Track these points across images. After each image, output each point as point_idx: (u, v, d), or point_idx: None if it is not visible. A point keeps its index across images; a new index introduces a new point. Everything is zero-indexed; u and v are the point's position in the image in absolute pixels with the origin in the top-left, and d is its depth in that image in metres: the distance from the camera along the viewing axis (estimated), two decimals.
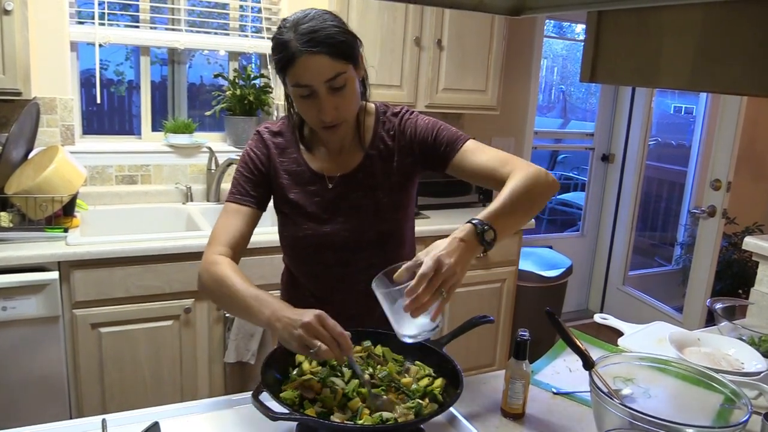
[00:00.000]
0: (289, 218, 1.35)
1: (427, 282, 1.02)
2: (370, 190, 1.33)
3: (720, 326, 1.68)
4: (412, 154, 1.35)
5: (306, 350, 1.03)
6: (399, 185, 1.36)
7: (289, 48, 1.16)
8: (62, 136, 2.57)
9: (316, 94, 1.19)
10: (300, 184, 1.34)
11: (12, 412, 2.04)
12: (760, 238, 2.05)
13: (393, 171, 1.34)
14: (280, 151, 1.36)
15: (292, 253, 1.39)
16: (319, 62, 1.16)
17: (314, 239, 1.33)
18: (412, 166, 1.36)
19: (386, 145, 1.35)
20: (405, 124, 1.35)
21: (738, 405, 1.07)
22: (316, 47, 1.15)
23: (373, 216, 1.33)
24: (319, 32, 1.16)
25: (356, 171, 1.34)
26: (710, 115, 4.12)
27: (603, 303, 4.50)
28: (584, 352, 1.16)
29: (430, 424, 1.10)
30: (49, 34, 2.47)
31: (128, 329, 2.22)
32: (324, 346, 1.02)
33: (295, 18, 1.19)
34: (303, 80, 1.18)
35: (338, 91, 1.20)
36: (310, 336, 1.03)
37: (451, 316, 2.87)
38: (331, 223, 1.32)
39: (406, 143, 1.34)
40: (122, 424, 1.11)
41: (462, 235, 1.09)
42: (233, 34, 2.95)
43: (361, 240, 1.33)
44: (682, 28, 0.80)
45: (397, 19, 2.77)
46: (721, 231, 3.43)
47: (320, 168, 1.35)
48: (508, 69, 3.31)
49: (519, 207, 1.18)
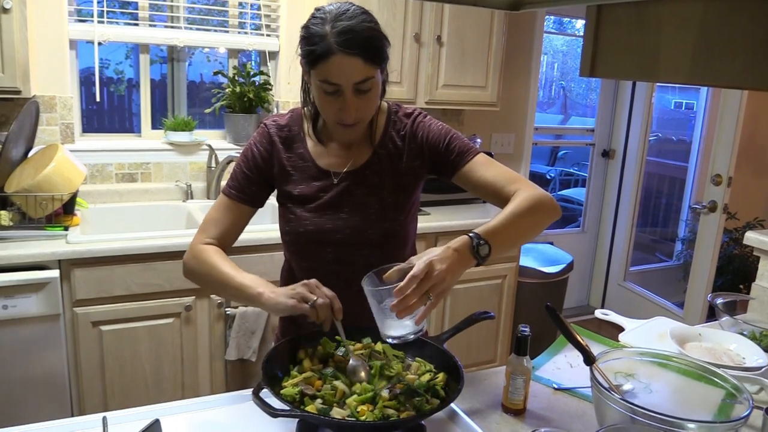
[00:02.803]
0: (293, 213, 1.34)
1: (416, 284, 1.03)
2: (375, 189, 1.33)
3: (721, 321, 1.68)
4: (421, 157, 1.34)
5: (303, 305, 1.12)
6: (404, 186, 1.35)
7: (325, 42, 1.14)
8: (62, 134, 2.57)
9: (341, 93, 1.18)
10: (305, 180, 1.34)
11: (13, 410, 2.05)
12: (761, 233, 2.05)
13: (400, 172, 1.34)
14: (287, 146, 1.35)
15: (292, 248, 1.39)
16: (353, 64, 1.15)
17: (316, 235, 1.32)
18: (420, 169, 1.35)
19: (395, 146, 1.34)
20: (417, 126, 1.35)
21: (739, 400, 1.07)
22: (354, 49, 1.14)
23: (376, 215, 1.32)
24: (359, 34, 1.14)
25: (363, 168, 1.33)
26: (711, 111, 4.12)
27: (604, 299, 4.50)
28: (585, 347, 1.16)
29: (431, 420, 1.10)
30: (49, 32, 2.47)
31: (129, 327, 2.22)
32: (320, 300, 1.12)
33: (334, 11, 1.16)
34: (332, 78, 1.17)
35: (363, 93, 1.20)
36: (308, 291, 1.13)
37: (451, 312, 2.87)
38: (333, 219, 1.32)
39: (416, 146, 1.34)
40: (123, 421, 1.11)
41: (456, 246, 1.11)
42: (233, 32, 2.94)
43: (362, 238, 1.32)
44: (682, 22, 0.80)
45: (397, 15, 2.76)
46: (721, 226, 3.43)
47: (327, 164, 1.34)
48: (508, 65, 3.30)
49: (519, 227, 1.20)
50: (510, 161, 3.66)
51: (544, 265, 3.48)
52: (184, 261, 1.34)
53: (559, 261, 3.59)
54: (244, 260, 2.26)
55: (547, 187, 6.60)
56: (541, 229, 1.26)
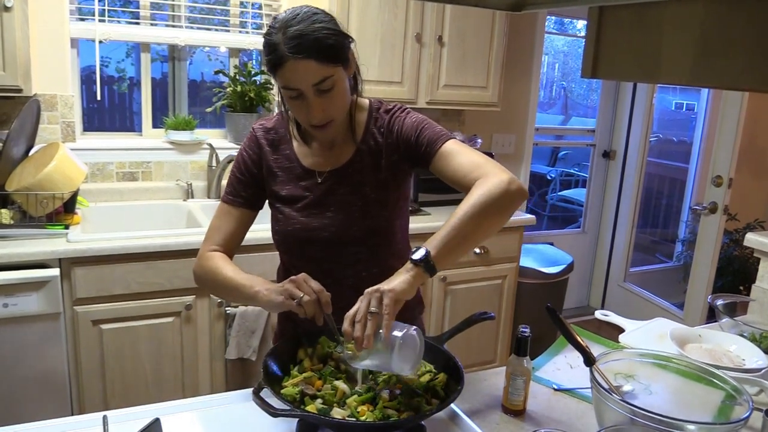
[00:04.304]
0: (282, 213, 1.38)
1: (351, 318, 1.05)
2: (358, 186, 1.35)
3: (721, 323, 1.68)
4: (398, 151, 1.35)
5: (291, 302, 1.13)
6: (387, 182, 1.36)
7: (277, 51, 1.17)
8: (63, 133, 2.57)
9: (303, 96, 1.21)
10: (292, 180, 1.37)
11: (13, 408, 2.05)
12: (762, 235, 2.05)
13: (381, 168, 1.35)
14: (274, 148, 1.39)
15: (282, 248, 1.43)
16: (306, 67, 1.16)
17: (303, 234, 1.35)
18: (400, 163, 1.36)
19: (376, 142, 1.36)
20: (394, 121, 1.36)
21: (739, 401, 1.07)
22: (303, 53, 1.15)
23: (359, 212, 1.34)
24: (307, 36, 1.15)
25: (346, 166, 1.35)
26: (711, 112, 4.11)
27: (604, 299, 4.50)
28: (585, 348, 1.16)
29: (431, 421, 1.10)
30: (50, 30, 2.47)
31: (129, 326, 2.22)
32: (307, 297, 1.12)
33: (284, 19, 1.19)
34: (291, 83, 1.20)
35: (326, 93, 1.21)
36: (294, 288, 1.14)
37: (451, 312, 2.87)
38: (319, 218, 1.34)
39: (392, 140, 1.35)
40: (123, 420, 1.11)
41: (402, 269, 1.11)
42: (234, 31, 2.94)
43: (348, 235, 1.34)
44: (684, 23, 0.80)
45: (398, 16, 2.76)
46: (722, 227, 3.43)
47: (311, 163, 1.37)
48: (509, 65, 3.30)
49: (471, 233, 1.15)
50: (510, 162, 3.66)
51: (544, 266, 3.48)
52: (193, 270, 1.39)
53: (560, 262, 3.59)
54: (245, 260, 2.26)
55: (547, 188, 6.60)
56: (503, 218, 1.19)
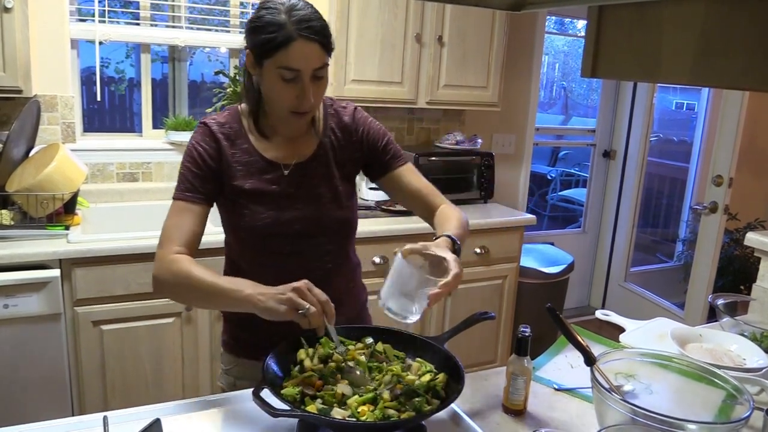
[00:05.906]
0: (246, 208, 1.33)
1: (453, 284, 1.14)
2: (326, 179, 1.37)
3: (722, 322, 1.68)
4: (361, 150, 1.42)
5: (295, 312, 1.09)
6: (349, 176, 1.42)
7: (285, 30, 1.19)
8: (63, 133, 2.57)
9: (300, 79, 1.22)
10: (254, 173, 1.33)
11: (14, 409, 2.05)
12: (762, 234, 2.05)
13: (344, 162, 1.40)
14: (230, 142, 1.34)
15: (248, 243, 1.37)
16: (313, 49, 1.21)
17: (273, 227, 1.32)
18: (359, 160, 1.43)
19: (336, 137, 1.40)
20: (358, 121, 1.42)
21: (740, 401, 1.07)
22: (314, 35, 1.20)
23: (331, 203, 1.37)
24: (315, 22, 1.21)
25: (311, 159, 1.37)
26: (712, 111, 4.11)
27: (604, 299, 4.50)
28: (586, 348, 1.16)
29: (431, 421, 1.10)
30: (50, 31, 2.47)
31: (130, 326, 2.22)
32: (313, 308, 1.09)
33: (286, 3, 1.22)
34: (293, 64, 1.21)
35: (319, 80, 1.26)
36: (298, 298, 1.10)
37: (452, 312, 2.87)
38: (290, 210, 1.33)
39: (357, 139, 1.41)
40: (123, 421, 1.11)
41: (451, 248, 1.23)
42: (234, 31, 2.94)
43: (319, 227, 1.36)
44: (684, 23, 0.80)
45: (398, 16, 2.76)
46: (722, 227, 3.43)
47: (274, 156, 1.35)
48: (509, 65, 3.30)
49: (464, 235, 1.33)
50: (511, 162, 3.66)
51: (544, 266, 3.48)
52: (155, 276, 1.25)
53: (560, 261, 3.59)
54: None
55: (548, 188, 6.60)
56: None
